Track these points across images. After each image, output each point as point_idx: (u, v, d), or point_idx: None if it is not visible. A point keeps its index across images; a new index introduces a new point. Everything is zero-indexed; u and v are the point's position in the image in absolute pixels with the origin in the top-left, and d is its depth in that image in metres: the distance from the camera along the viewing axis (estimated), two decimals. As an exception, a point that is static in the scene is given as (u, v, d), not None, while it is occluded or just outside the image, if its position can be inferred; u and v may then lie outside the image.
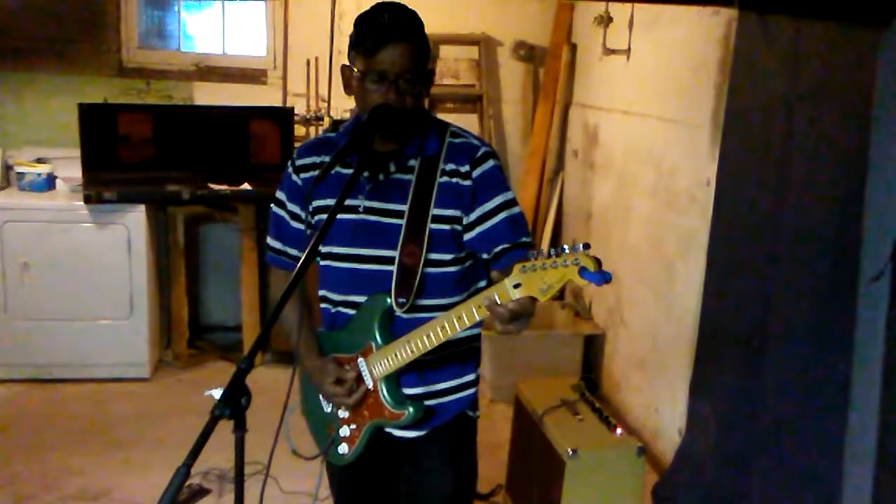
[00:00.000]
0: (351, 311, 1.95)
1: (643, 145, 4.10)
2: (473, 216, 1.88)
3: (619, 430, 2.96)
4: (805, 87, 2.60)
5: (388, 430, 1.98)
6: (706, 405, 3.17)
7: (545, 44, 5.31)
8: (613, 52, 4.44)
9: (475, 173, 1.88)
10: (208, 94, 5.09)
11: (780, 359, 2.66)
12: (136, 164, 4.64)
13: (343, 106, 5.17)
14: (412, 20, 1.82)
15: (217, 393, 1.42)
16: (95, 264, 4.40)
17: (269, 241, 2.08)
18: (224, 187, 4.57)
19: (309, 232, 1.94)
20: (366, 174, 1.87)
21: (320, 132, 5.11)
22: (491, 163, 1.90)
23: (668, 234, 3.76)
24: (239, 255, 4.84)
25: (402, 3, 1.86)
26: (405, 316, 1.87)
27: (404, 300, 1.85)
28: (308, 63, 5.06)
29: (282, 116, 4.87)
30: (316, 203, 1.93)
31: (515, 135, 5.49)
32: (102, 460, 3.69)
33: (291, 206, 2.01)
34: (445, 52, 5.29)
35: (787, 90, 2.69)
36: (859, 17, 2.18)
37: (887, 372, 1.30)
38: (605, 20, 4.51)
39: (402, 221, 1.85)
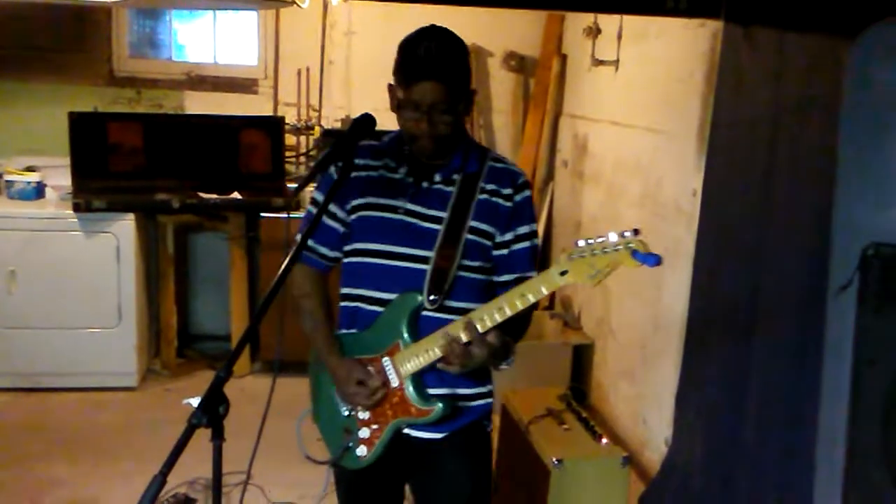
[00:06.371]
0: (373, 308, 1.99)
1: (631, 156, 4.12)
2: (508, 236, 1.99)
3: (604, 440, 2.97)
4: (789, 99, 2.62)
5: (406, 431, 2.00)
6: (692, 415, 3.18)
7: (535, 54, 5.34)
8: (602, 63, 4.47)
9: (516, 198, 1.99)
10: (199, 104, 5.10)
11: (764, 370, 2.67)
12: (125, 173, 4.63)
13: (334, 116, 5.19)
14: (449, 53, 1.88)
15: (196, 401, 1.42)
16: (84, 273, 4.40)
17: (299, 238, 2.12)
18: (214, 196, 4.57)
19: (343, 230, 2.02)
20: (411, 179, 1.97)
21: (311, 142, 5.13)
22: (528, 192, 2.02)
23: (656, 245, 3.72)
24: (228, 263, 4.84)
25: (445, 29, 1.93)
26: (433, 315, 1.92)
27: (436, 297, 1.91)
28: (299, 73, 5.07)
29: (272, 126, 4.87)
30: (355, 202, 2.00)
31: (505, 144, 5.51)
32: (89, 470, 3.67)
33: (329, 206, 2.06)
34: (436, 62, 5.31)
35: (771, 102, 2.71)
36: (837, 30, 2.20)
37: (856, 382, 1.31)
38: (594, 31, 4.54)
39: (440, 227, 1.94)
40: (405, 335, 1.92)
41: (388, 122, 2.02)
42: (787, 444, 2.46)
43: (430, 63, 1.84)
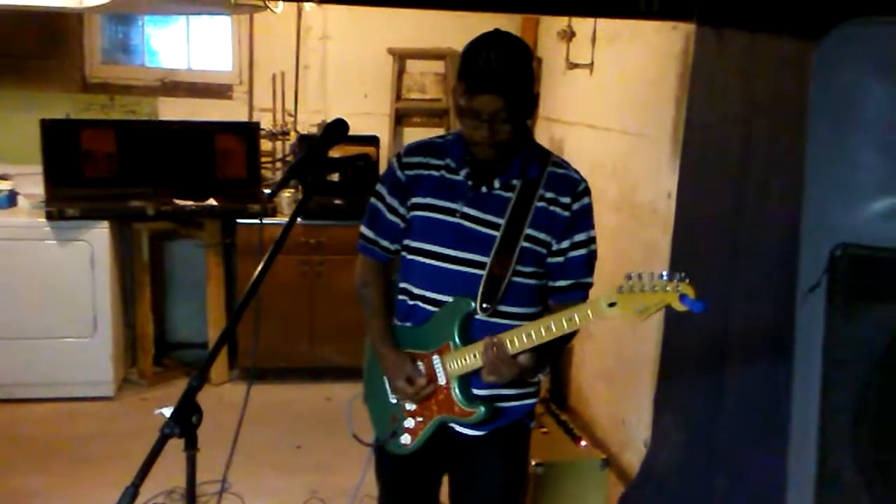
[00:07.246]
0: (428, 307, 2.03)
1: (607, 159, 4.13)
2: (564, 244, 2.00)
3: (583, 443, 2.98)
4: (761, 101, 2.64)
5: (451, 425, 2.06)
6: (670, 419, 3.19)
7: (511, 58, 5.34)
8: (577, 66, 4.48)
9: (575, 206, 2.01)
10: (173, 110, 5.06)
11: (739, 373, 2.69)
12: (99, 180, 4.58)
13: (309, 120, 5.16)
14: (509, 63, 1.86)
15: (168, 411, 1.41)
16: (58, 281, 4.35)
17: (363, 230, 2.16)
18: (189, 203, 4.54)
19: (403, 225, 2.07)
20: (471, 183, 1.98)
21: (287, 147, 5.11)
22: (587, 199, 2.04)
23: (633, 248, 3.79)
24: (205, 270, 4.80)
25: (507, 34, 1.91)
26: (485, 319, 1.96)
27: (488, 305, 1.95)
28: (274, 78, 5.05)
29: (247, 131, 4.84)
30: (415, 200, 2.03)
31: (482, 148, 5.50)
32: (65, 481, 3.63)
33: (390, 200, 2.09)
34: (412, 66, 5.29)
35: (743, 103, 2.73)
36: (806, 31, 2.23)
37: (825, 384, 1.33)
38: (569, 35, 4.56)
39: (497, 233, 1.96)
40: (455, 338, 1.97)
41: (361, 126, 2.03)
42: (763, 444, 2.47)
43: (490, 75, 1.84)
